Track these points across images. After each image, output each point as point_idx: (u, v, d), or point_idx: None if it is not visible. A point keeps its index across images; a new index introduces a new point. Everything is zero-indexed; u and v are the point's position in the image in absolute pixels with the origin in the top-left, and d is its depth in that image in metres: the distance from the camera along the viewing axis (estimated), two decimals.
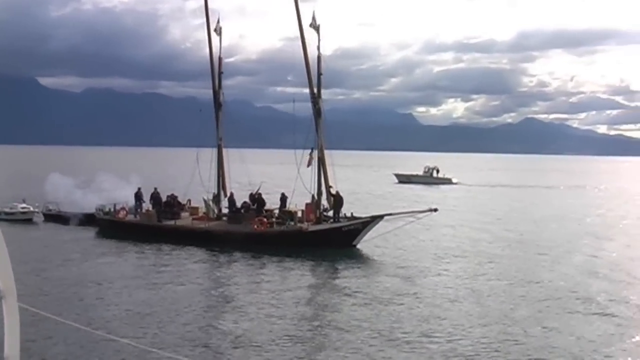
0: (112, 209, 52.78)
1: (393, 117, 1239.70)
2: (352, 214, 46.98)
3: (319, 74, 47.99)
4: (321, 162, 47.36)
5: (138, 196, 53.42)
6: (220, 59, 52.44)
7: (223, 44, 51.66)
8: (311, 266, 39.63)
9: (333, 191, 46.77)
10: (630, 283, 35.34)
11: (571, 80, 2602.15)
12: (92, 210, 54.37)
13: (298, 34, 47.33)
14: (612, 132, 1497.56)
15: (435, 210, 45.65)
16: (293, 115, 48.83)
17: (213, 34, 51.99)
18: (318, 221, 46.18)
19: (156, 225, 49.79)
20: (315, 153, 46.87)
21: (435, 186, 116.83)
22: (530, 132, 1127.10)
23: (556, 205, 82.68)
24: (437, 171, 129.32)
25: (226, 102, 52.98)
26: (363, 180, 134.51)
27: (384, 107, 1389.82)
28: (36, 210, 59.02)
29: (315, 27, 47.41)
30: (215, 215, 50.71)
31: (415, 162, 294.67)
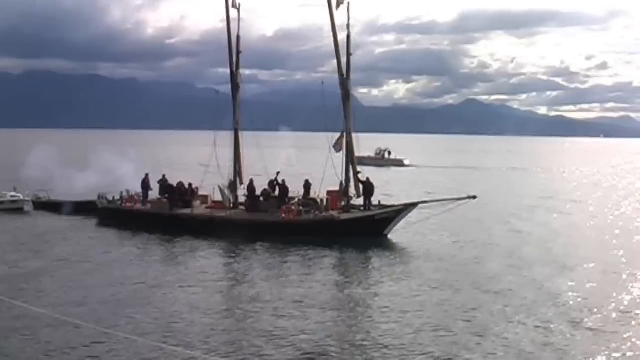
0: (116, 197, 50.65)
1: (336, 99, 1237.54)
2: (379, 202, 45.59)
3: (349, 54, 46.63)
4: (349, 148, 46.29)
5: (146, 183, 50.78)
6: (238, 37, 49.28)
7: (163, 25, 51.51)
8: (345, 258, 38.31)
9: (362, 177, 45.43)
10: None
11: (512, 61, 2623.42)
12: (87, 198, 52.56)
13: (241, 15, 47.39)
14: (552, 113, 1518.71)
15: (474, 197, 44.20)
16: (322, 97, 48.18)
17: (231, 10, 49.03)
18: (345, 209, 44.87)
19: (170, 214, 47.10)
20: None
21: (387, 168, 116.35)
22: (472, 113, 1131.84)
23: (521, 185, 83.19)
24: (389, 153, 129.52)
25: (166, 83, 51.56)
26: (315, 162, 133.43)
27: (327, 88, 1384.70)
28: (26, 198, 56.62)
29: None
30: (230, 204, 47.99)
31: (359, 143, 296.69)
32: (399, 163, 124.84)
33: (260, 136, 48.73)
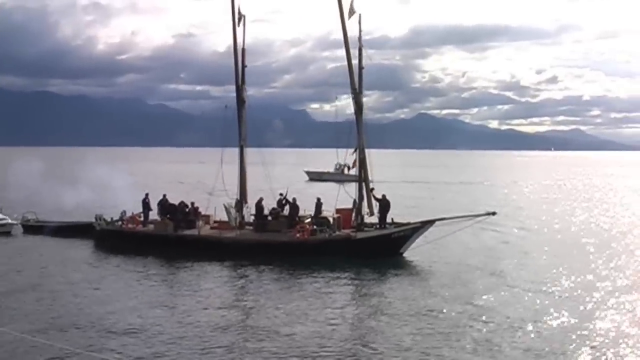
0: (114, 218, 48.00)
1: (287, 114, 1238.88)
2: (392, 219, 44.09)
3: (360, 68, 45.32)
4: (362, 164, 45.00)
5: (146, 203, 48.34)
6: (243, 50, 47.50)
7: (114, 41, 49.80)
8: (361, 280, 36.25)
9: (378, 195, 44.09)
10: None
11: (463, 76, 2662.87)
12: (77, 219, 51.24)
13: (192, 30, 44.87)
14: (504, 127, 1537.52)
15: (494, 213, 43.34)
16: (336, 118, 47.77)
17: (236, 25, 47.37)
18: (359, 228, 43.36)
19: (177, 236, 44.84)
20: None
21: (347, 183, 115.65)
22: (424, 128, 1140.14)
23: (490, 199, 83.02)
24: (349, 168, 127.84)
25: (117, 99, 50.57)
26: (273, 178, 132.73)
27: (278, 103, 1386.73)
28: (14, 222, 53.14)
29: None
30: (236, 224, 45.71)
31: (313, 158, 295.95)
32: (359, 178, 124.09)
33: (213, 152, 47.41)
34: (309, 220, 44.09)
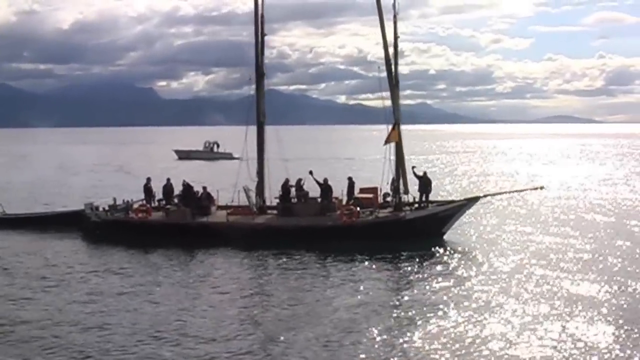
0: (111, 207, 42.43)
1: (133, 92, 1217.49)
2: (414, 198, 41.65)
3: (395, 37, 42.75)
4: (399, 140, 42.17)
5: (149, 189, 44.10)
6: (262, 16, 43.23)
7: None
8: (418, 263, 33.42)
9: (419, 172, 41.79)
10: None
11: (310, 52, 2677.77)
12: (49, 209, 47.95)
13: (35, 7, 42.35)
14: (351, 102, 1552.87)
15: (542, 187, 42.60)
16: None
17: None
18: (397, 208, 40.69)
19: (199, 224, 40.07)
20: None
21: (217, 161, 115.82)
22: (272, 103, 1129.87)
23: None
24: (218, 146, 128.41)
25: None
26: (141, 157, 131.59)
27: (124, 81, 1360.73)
28: None
29: None
30: (257, 209, 41.87)
31: (163, 136, 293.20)
32: (228, 156, 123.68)
33: (59, 132, 44.73)
34: (351, 202, 41.05)
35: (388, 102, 41.86)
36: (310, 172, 42.02)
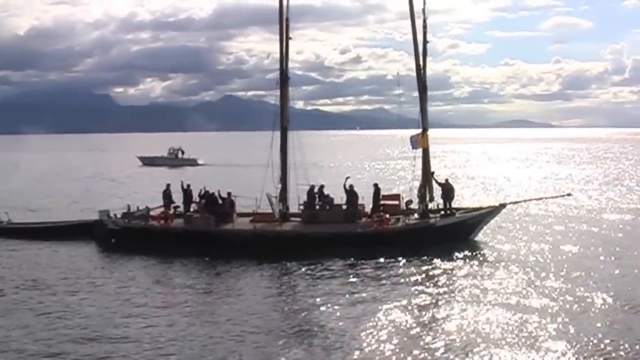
0: (125, 214, 41.21)
1: (90, 98, 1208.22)
2: (436, 205, 41.64)
3: (425, 42, 42.60)
4: (425, 148, 42.45)
5: (168, 195, 43.06)
6: (287, 20, 42.71)
7: None
8: (450, 269, 33.27)
9: (441, 179, 41.70)
10: None
11: (268, 57, 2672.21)
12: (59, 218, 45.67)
13: None
14: (309, 107, 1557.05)
15: (570, 194, 43.01)
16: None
17: None
18: (423, 215, 40.41)
19: (228, 232, 39.10)
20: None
21: (181, 167, 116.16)
22: (230, 110, 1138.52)
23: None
24: (182, 152, 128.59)
25: None
26: (103, 164, 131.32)
27: (81, 88, 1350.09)
28: None
29: None
30: (279, 216, 41.09)
31: (123, 143, 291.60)
32: (193, 162, 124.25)
33: (16, 140, 43.70)
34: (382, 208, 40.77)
35: (346, 108, 44.68)
36: (348, 178, 42.46)
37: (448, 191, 41.14)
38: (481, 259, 35.67)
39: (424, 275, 31.94)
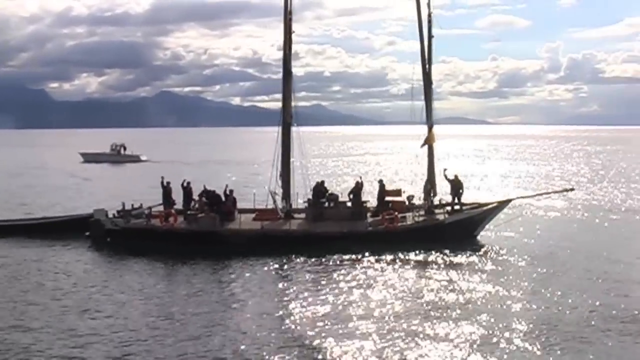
0: (123, 213, 39.17)
1: (25, 94, 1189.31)
2: (440, 200, 41.48)
3: (430, 37, 41.88)
4: (430, 143, 42.04)
5: (167, 193, 40.68)
6: (290, 12, 41.16)
7: None
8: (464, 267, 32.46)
9: (450, 175, 40.44)
10: None
11: (205, 53, 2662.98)
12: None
13: None
14: (246, 104, 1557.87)
15: (572, 189, 43.00)
16: None
17: None
18: (429, 211, 39.93)
19: (236, 232, 37.41)
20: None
21: (124, 164, 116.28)
22: (166, 106, 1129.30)
23: None
24: (125, 148, 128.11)
25: None
26: (45, 160, 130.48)
27: (15, 83, 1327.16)
28: None
29: None
30: (282, 213, 40.04)
31: (62, 139, 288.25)
32: (136, 159, 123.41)
33: None
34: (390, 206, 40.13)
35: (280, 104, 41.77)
36: (360, 178, 42.06)
37: (457, 187, 40.41)
38: (492, 256, 35.05)
39: (433, 275, 31.11)
